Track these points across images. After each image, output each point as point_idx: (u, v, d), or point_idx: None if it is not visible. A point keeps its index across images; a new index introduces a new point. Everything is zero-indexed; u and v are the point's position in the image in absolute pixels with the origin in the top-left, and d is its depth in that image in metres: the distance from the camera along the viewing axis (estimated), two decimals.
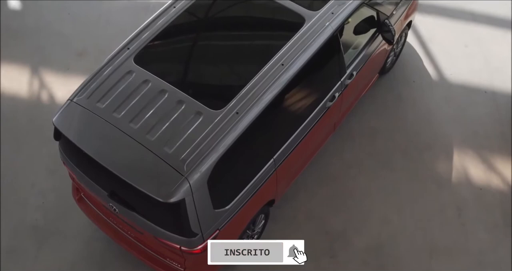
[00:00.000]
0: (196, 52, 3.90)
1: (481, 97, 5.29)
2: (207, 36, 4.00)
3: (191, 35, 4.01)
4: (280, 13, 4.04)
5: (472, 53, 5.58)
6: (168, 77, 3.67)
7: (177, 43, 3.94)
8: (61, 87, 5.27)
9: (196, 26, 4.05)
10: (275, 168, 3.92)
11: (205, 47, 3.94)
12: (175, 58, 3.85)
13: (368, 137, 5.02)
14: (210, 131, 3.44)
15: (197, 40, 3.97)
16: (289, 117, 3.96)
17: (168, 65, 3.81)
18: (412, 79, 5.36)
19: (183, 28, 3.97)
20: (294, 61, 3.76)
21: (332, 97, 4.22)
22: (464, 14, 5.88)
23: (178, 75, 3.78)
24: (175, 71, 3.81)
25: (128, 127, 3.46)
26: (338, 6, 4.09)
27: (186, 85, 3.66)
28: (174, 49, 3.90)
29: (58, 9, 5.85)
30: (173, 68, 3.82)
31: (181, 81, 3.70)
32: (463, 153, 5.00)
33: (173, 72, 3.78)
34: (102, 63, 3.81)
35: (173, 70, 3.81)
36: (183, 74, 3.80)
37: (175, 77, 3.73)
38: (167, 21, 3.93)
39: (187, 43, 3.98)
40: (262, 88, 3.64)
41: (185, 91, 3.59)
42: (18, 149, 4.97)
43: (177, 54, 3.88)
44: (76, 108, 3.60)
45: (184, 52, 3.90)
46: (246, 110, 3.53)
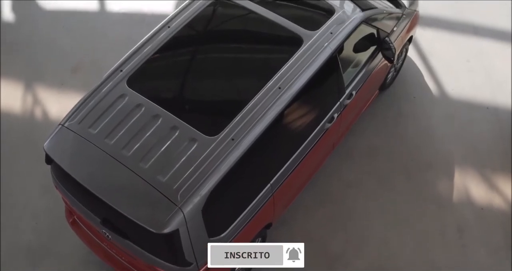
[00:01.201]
0: (190, 75, 3.81)
1: (483, 114, 5.19)
2: (202, 59, 3.90)
3: (185, 57, 3.91)
4: (277, 34, 3.94)
5: (474, 67, 5.46)
6: (162, 101, 3.58)
7: (171, 65, 3.84)
8: (55, 103, 5.18)
9: (191, 47, 3.95)
10: (272, 193, 3.83)
11: (199, 70, 3.83)
12: (169, 81, 3.76)
13: (367, 155, 4.93)
14: (205, 159, 3.35)
15: (192, 63, 3.87)
16: (287, 140, 3.87)
17: (161, 88, 3.73)
18: (413, 95, 5.26)
19: (177, 50, 3.88)
20: (291, 85, 3.66)
21: (331, 118, 4.12)
22: (465, 27, 5.77)
23: (172, 99, 3.68)
24: (169, 94, 3.72)
25: (120, 154, 3.38)
26: (337, 25, 3.99)
27: (180, 110, 3.57)
28: (168, 72, 3.80)
29: (52, 22, 5.75)
30: (167, 92, 3.73)
31: (175, 106, 3.60)
32: (464, 171, 4.90)
33: (167, 96, 3.69)
34: (95, 85, 3.71)
35: (167, 93, 3.72)
36: (177, 98, 3.70)
37: (169, 101, 3.63)
38: (161, 42, 3.84)
39: (181, 65, 3.87)
40: (259, 113, 3.54)
41: (179, 116, 3.49)
42: (11, 167, 4.87)
43: (171, 77, 3.79)
44: (67, 133, 3.52)
45: (178, 75, 3.81)
46: (242, 137, 3.44)
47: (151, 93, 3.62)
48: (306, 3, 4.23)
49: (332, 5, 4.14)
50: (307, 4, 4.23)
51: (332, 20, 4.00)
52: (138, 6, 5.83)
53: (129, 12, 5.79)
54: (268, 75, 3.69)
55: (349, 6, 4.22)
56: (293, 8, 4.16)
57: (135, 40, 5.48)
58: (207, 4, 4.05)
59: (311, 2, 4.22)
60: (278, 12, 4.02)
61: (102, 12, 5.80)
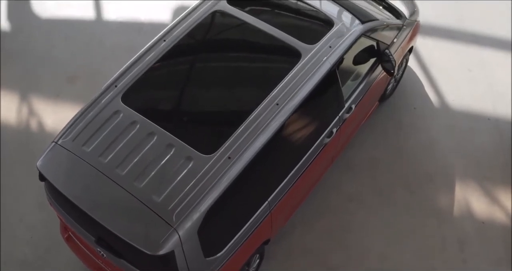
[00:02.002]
0: (186, 91, 3.73)
1: (484, 125, 5.12)
2: (198, 74, 3.80)
3: (181, 72, 3.82)
4: (275, 48, 3.86)
5: (475, 77, 5.39)
6: (157, 118, 3.50)
7: (166, 81, 3.75)
8: (51, 115, 5.10)
9: (187, 62, 3.86)
10: (269, 210, 3.76)
11: (195, 86, 3.75)
12: (164, 97, 3.68)
13: (367, 168, 4.85)
14: (201, 178, 3.28)
15: (188, 78, 3.78)
16: (284, 156, 3.79)
17: (157, 104, 3.66)
18: (413, 106, 5.18)
19: (172, 65, 3.80)
20: (289, 101, 3.59)
21: (330, 133, 4.05)
22: (466, 35, 5.69)
23: (168, 116, 3.60)
24: (164, 111, 3.65)
25: (114, 173, 3.31)
26: (336, 38, 3.92)
27: (175, 127, 3.49)
28: (163, 88, 3.72)
29: (48, 31, 5.67)
30: (162, 108, 3.66)
31: (171, 123, 3.53)
32: (465, 184, 4.83)
33: (162, 113, 3.62)
34: (89, 101, 3.65)
35: (162, 110, 3.64)
36: (173, 115, 3.62)
37: (164, 118, 3.55)
38: (156, 57, 3.76)
39: (176, 81, 3.78)
40: (256, 131, 3.47)
41: (175, 134, 3.42)
42: (6, 179, 4.80)
43: (166, 93, 3.71)
44: (60, 151, 3.45)
45: (174, 91, 3.72)
46: (238, 155, 3.37)
47: (146, 110, 3.55)
48: (305, 15, 4.16)
49: (331, 18, 4.06)
50: (305, 16, 4.16)
51: (331, 33, 3.93)
52: (136, 14, 5.77)
53: (126, 20, 5.72)
54: (265, 91, 3.62)
55: (348, 18, 4.14)
56: (291, 20, 4.10)
57: (132, 49, 5.46)
58: (203, 17, 3.98)
59: (310, 15, 4.14)
60: (276, 25, 3.94)
61: (99, 21, 5.73)
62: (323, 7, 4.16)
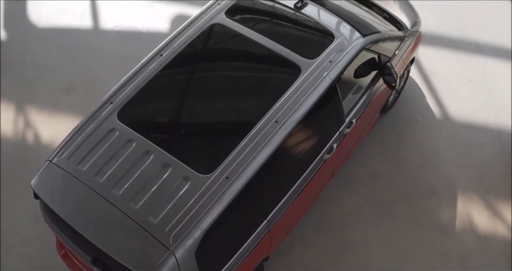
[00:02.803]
0: (183, 108, 3.64)
1: (486, 137, 5.04)
2: (195, 90, 3.71)
3: (178, 89, 3.72)
4: (274, 63, 3.77)
5: (477, 88, 5.32)
6: (154, 137, 3.43)
7: (163, 97, 3.66)
8: (47, 126, 5.02)
9: (184, 78, 3.77)
10: (269, 229, 3.69)
11: (193, 103, 3.66)
12: (160, 115, 3.60)
13: (367, 181, 4.78)
14: (198, 199, 3.21)
15: (185, 95, 3.70)
16: (284, 174, 3.71)
17: (153, 122, 3.58)
18: (415, 117, 5.11)
19: (169, 81, 3.71)
20: (288, 118, 3.51)
21: (330, 148, 3.98)
22: (469, 45, 5.62)
23: (164, 134, 3.52)
24: (161, 129, 3.56)
25: (110, 193, 3.24)
26: (337, 53, 3.84)
27: (172, 146, 3.41)
28: (160, 104, 3.64)
29: (45, 40, 5.60)
30: (158, 126, 3.57)
31: (168, 141, 3.45)
32: (467, 197, 4.76)
33: (159, 131, 3.53)
34: (85, 118, 3.57)
35: (158, 128, 3.55)
36: (170, 133, 3.54)
37: (161, 137, 3.47)
38: (153, 72, 3.69)
39: (173, 97, 3.69)
40: (255, 149, 3.39)
41: (172, 153, 3.35)
42: (2, 193, 4.73)
43: (163, 110, 3.62)
44: (55, 170, 3.38)
45: (171, 107, 3.64)
46: (237, 175, 3.30)
47: (142, 127, 3.48)
48: (305, 28, 4.07)
49: (331, 31, 3.98)
50: (305, 29, 4.07)
51: (331, 47, 3.85)
52: (133, 23, 5.69)
53: (123, 30, 5.65)
54: (264, 108, 3.54)
55: (349, 31, 4.06)
56: (291, 34, 4.00)
57: (130, 59, 5.41)
58: (201, 30, 3.90)
59: (310, 27, 4.06)
60: (276, 39, 3.86)
61: (96, 30, 5.65)
62: (323, 19, 4.08)
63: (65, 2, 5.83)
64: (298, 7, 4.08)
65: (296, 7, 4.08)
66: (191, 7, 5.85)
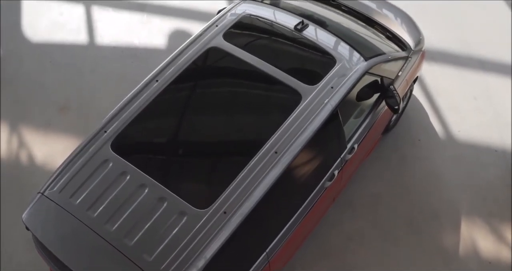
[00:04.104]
0: (179, 139, 3.50)
1: (491, 157, 4.93)
2: (192, 119, 3.57)
3: (173, 117, 3.57)
4: (274, 89, 3.64)
5: (481, 106, 5.20)
6: (149, 168, 3.31)
7: (158, 126, 3.52)
8: (42, 146, 4.90)
9: (180, 106, 3.61)
10: (268, 261, 3.56)
11: (189, 132, 3.52)
12: (156, 145, 3.46)
13: (369, 204, 4.66)
14: (195, 235, 3.09)
15: (181, 124, 3.55)
16: (283, 205, 3.58)
17: (148, 153, 3.44)
18: (418, 137, 4.99)
19: (165, 109, 3.57)
20: (288, 148, 3.39)
21: (331, 176, 3.86)
22: (472, 61, 5.50)
23: (160, 166, 3.38)
24: (156, 160, 3.42)
25: (103, 229, 3.12)
26: (339, 78, 3.72)
27: (168, 179, 3.29)
28: (155, 134, 3.50)
29: (39, 57, 5.46)
30: (153, 157, 3.43)
31: (163, 174, 3.32)
32: (471, 222, 4.66)
33: (154, 162, 3.39)
34: (77, 148, 3.44)
35: (154, 159, 3.42)
36: (165, 164, 3.39)
37: (156, 169, 3.34)
38: (147, 99, 3.56)
39: (169, 126, 3.54)
40: (253, 182, 3.27)
41: (167, 186, 3.23)
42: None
43: (158, 140, 3.48)
44: (47, 203, 3.26)
45: (166, 137, 3.49)
46: (235, 209, 3.17)
47: (136, 158, 3.36)
48: (305, 51, 3.93)
49: (333, 54, 3.85)
50: (306, 53, 3.92)
51: (333, 72, 3.72)
52: (129, 39, 5.57)
53: (119, 45, 5.52)
54: (263, 138, 3.42)
55: (351, 54, 3.93)
56: (290, 57, 3.86)
57: (125, 78, 5.29)
58: (198, 54, 3.79)
59: (310, 51, 3.92)
60: (275, 63, 3.74)
61: (92, 46, 5.53)
62: (325, 41, 3.95)
63: (61, 16, 5.72)
64: (298, 29, 3.95)
65: (296, 29, 3.96)
66: (188, 22, 5.73)
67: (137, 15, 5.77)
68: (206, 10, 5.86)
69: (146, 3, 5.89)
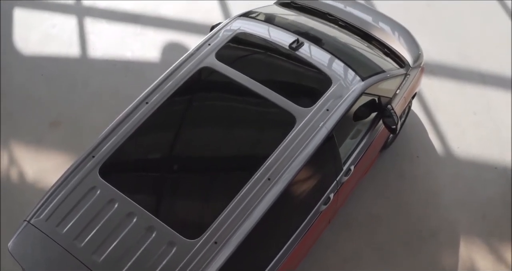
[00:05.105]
0: (169, 164, 3.38)
1: (491, 175, 4.83)
2: (183, 144, 3.45)
3: (164, 141, 3.45)
4: (267, 112, 3.53)
5: (481, 121, 5.09)
6: (137, 196, 3.21)
7: (147, 151, 3.41)
8: (33, 163, 4.80)
9: (170, 130, 3.49)
10: None
11: (180, 158, 3.40)
12: (145, 171, 3.35)
13: (366, 224, 4.56)
14: (184, 267, 2.98)
15: (171, 148, 3.43)
16: (277, 232, 3.47)
17: (137, 179, 3.32)
18: (416, 154, 4.89)
19: (155, 132, 3.46)
20: (282, 174, 3.28)
21: (326, 199, 3.76)
22: (472, 74, 5.38)
23: (149, 194, 3.26)
24: (145, 187, 3.29)
25: (90, 260, 3.03)
26: (334, 100, 3.60)
27: (157, 207, 3.19)
28: (145, 159, 3.39)
29: (31, 69, 5.36)
30: (142, 184, 3.31)
31: (152, 201, 3.21)
32: (470, 241, 4.56)
33: (143, 190, 3.27)
34: (65, 173, 3.34)
35: (142, 186, 3.29)
36: (155, 192, 3.28)
37: (145, 196, 3.23)
38: (137, 123, 3.45)
39: (159, 151, 3.42)
40: (245, 211, 3.17)
41: (156, 214, 3.13)
42: None
43: (148, 165, 3.37)
44: (33, 231, 3.16)
45: (156, 163, 3.38)
46: (226, 239, 3.07)
47: (125, 185, 3.25)
48: (300, 72, 3.80)
49: (329, 75, 3.74)
50: (301, 73, 3.80)
51: (328, 93, 3.61)
52: (122, 51, 5.45)
53: (112, 58, 5.41)
54: (256, 164, 3.31)
55: (347, 73, 3.81)
56: (285, 78, 3.74)
57: (117, 92, 5.18)
58: (189, 75, 3.67)
59: (306, 71, 3.79)
60: (269, 84, 3.63)
61: (84, 59, 5.41)
62: (320, 60, 3.84)
63: (53, 28, 5.61)
64: (293, 47, 3.85)
65: (291, 48, 3.86)
66: (183, 34, 5.62)
67: (131, 27, 5.66)
68: (200, 22, 5.76)
69: (140, 14, 5.78)
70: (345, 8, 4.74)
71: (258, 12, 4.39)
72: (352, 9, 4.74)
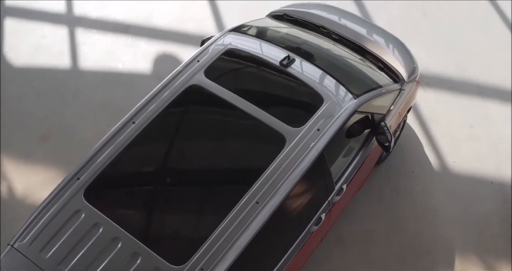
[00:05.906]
0: (156, 187, 3.30)
1: (487, 190, 4.74)
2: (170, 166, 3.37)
3: (150, 163, 3.37)
4: (256, 132, 3.44)
5: (478, 134, 5.00)
6: (122, 220, 3.13)
7: (133, 173, 3.33)
8: (22, 178, 4.72)
9: (157, 151, 3.40)
10: None
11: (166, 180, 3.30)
12: (130, 194, 3.27)
13: (360, 241, 4.47)
14: None
15: (157, 170, 3.34)
16: (266, 255, 3.39)
17: (123, 203, 3.24)
18: (411, 169, 4.80)
19: (141, 153, 3.37)
20: (271, 198, 3.19)
21: (318, 220, 3.68)
22: (469, 86, 5.29)
23: (134, 218, 3.18)
24: (131, 211, 3.21)
25: None
26: (326, 119, 3.50)
27: (142, 232, 3.10)
28: (130, 182, 3.31)
29: (21, 82, 5.27)
30: (128, 208, 3.22)
31: (137, 226, 3.13)
32: (465, 259, 4.47)
33: (128, 213, 3.19)
34: (49, 195, 3.25)
35: (128, 210, 3.21)
36: (140, 216, 3.20)
37: (131, 220, 3.15)
38: (123, 143, 3.36)
39: (144, 173, 3.34)
40: (233, 235, 3.08)
41: (142, 240, 3.05)
42: None
43: (133, 188, 3.29)
44: (17, 256, 3.08)
45: (142, 186, 3.29)
46: (213, 266, 2.98)
47: (110, 209, 3.17)
48: (291, 90, 3.71)
49: (320, 93, 3.64)
50: (291, 91, 3.71)
51: (319, 112, 3.52)
52: (113, 63, 5.37)
53: (103, 70, 5.33)
54: (244, 187, 3.22)
55: (338, 91, 3.71)
56: (275, 97, 3.66)
57: (108, 105, 5.09)
58: (177, 94, 3.57)
59: (297, 89, 3.71)
60: (258, 103, 3.53)
61: (75, 71, 5.34)
62: (311, 77, 3.74)
63: (43, 39, 5.53)
64: (284, 64, 3.75)
65: (282, 65, 3.76)
66: (174, 45, 5.53)
67: (122, 38, 5.58)
68: (192, 33, 5.66)
69: (132, 25, 5.69)
70: (339, 21, 4.67)
71: (250, 26, 4.31)
72: (346, 22, 4.66)
